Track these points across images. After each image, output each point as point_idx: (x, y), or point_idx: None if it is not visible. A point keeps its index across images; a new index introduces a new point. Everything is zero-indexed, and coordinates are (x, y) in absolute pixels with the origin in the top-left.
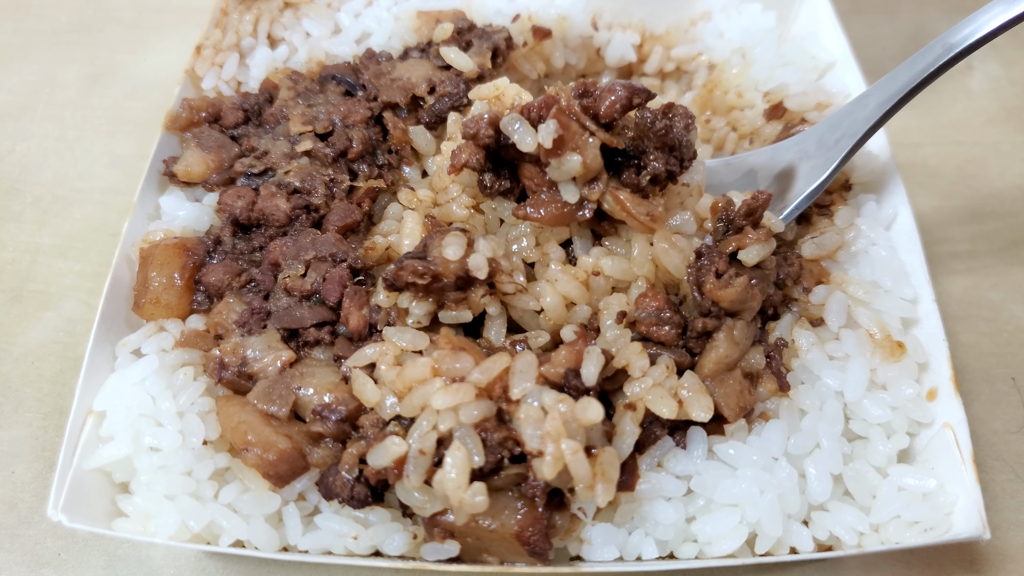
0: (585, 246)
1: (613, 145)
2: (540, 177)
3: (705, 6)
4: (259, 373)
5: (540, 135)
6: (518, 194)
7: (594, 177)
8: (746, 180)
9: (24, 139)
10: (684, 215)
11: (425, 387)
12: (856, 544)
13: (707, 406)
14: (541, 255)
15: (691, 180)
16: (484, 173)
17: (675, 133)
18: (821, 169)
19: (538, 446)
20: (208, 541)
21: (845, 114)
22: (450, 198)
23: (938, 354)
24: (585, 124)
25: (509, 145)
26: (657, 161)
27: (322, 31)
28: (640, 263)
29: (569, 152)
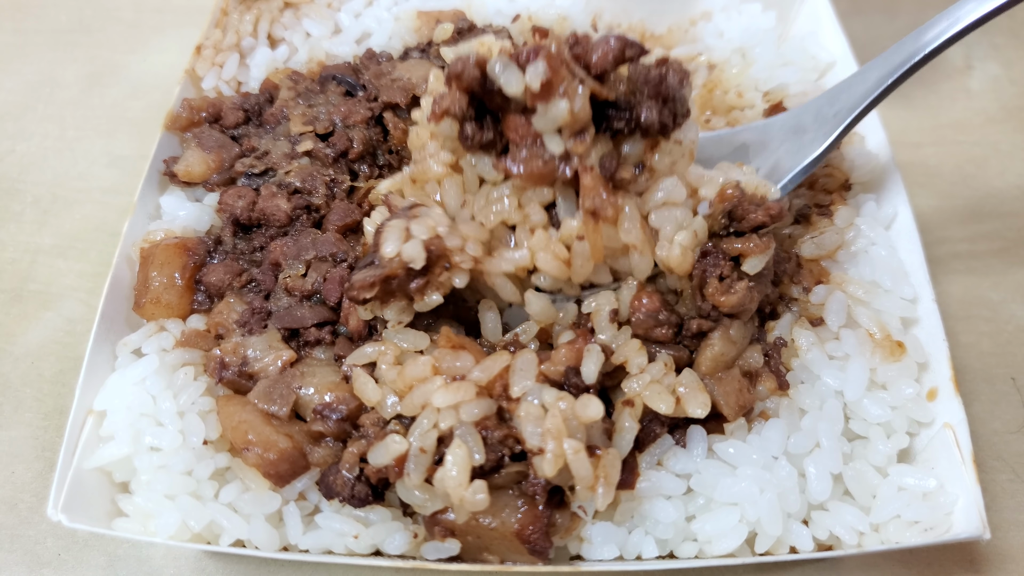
0: (570, 208)
1: (603, 96)
2: (525, 128)
3: (705, 6)
4: (260, 373)
5: (528, 76)
6: (500, 150)
7: (581, 129)
8: (738, 155)
9: (24, 139)
10: (671, 182)
11: (426, 386)
12: (856, 544)
13: (704, 403)
14: (522, 217)
15: (684, 137)
16: (466, 122)
17: (670, 83)
18: (818, 142)
19: (538, 444)
20: (208, 541)
21: (844, 87)
22: (428, 154)
23: (938, 354)
24: (575, 71)
25: (495, 91)
26: (650, 111)
27: (322, 31)
28: (628, 230)
29: (557, 98)
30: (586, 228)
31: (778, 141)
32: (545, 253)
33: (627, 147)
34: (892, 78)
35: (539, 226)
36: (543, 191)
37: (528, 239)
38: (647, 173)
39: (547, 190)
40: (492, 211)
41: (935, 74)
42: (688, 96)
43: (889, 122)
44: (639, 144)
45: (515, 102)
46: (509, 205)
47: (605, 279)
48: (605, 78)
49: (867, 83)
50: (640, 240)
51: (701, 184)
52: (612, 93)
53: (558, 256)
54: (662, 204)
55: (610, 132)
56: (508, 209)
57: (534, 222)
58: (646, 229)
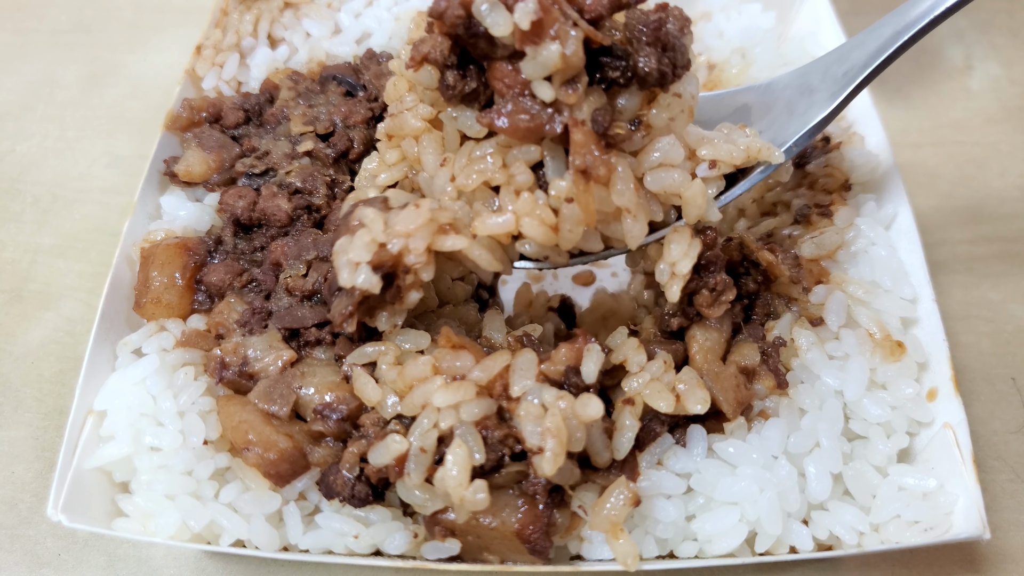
0: (558, 168)
1: (598, 42)
2: (513, 77)
3: (705, 6)
4: (260, 373)
5: (516, 15)
6: (483, 102)
7: (573, 77)
8: (739, 116)
9: (24, 139)
10: (668, 140)
11: (426, 385)
12: (856, 544)
13: (704, 399)
14: (507, 177)
15: (683, 91)
16: (447, 70)
17: (669, 29)
18: (826, 103)
19: (538, 443)
20: (208, 541)
21: (855, 45)
22: (405, 107)
23: (938, 354)
24: (567, 12)
25: (480, 36)
26: (649, 58)
27: (322, 31)
28: (621, 192)
29: (548, 40)
30: (576, 189)
31: (783, 102)
32: (531, 218)
33: (622, 100)
34: (908, 34)
35: (525, 187)
36: (530, 149)
37: (513, 202)
38: (643, 129)
39: (534, 148)
40: (474, 171)
41: (935, 74)
42: (689, 45)
43: (889, 122)
44: (635, 97)
45: (502, 48)
46: (493, 164)
47: (596, 246)
48: (600, 24)
49: (880, 39)
50: (634, 203)
51: (700, 144)
52: (607, 39)
53: (545, 221)
54: (658, 165)
55: (604, 84)
56: (491, 168)
57: (519, 183)
58: (641, 191)
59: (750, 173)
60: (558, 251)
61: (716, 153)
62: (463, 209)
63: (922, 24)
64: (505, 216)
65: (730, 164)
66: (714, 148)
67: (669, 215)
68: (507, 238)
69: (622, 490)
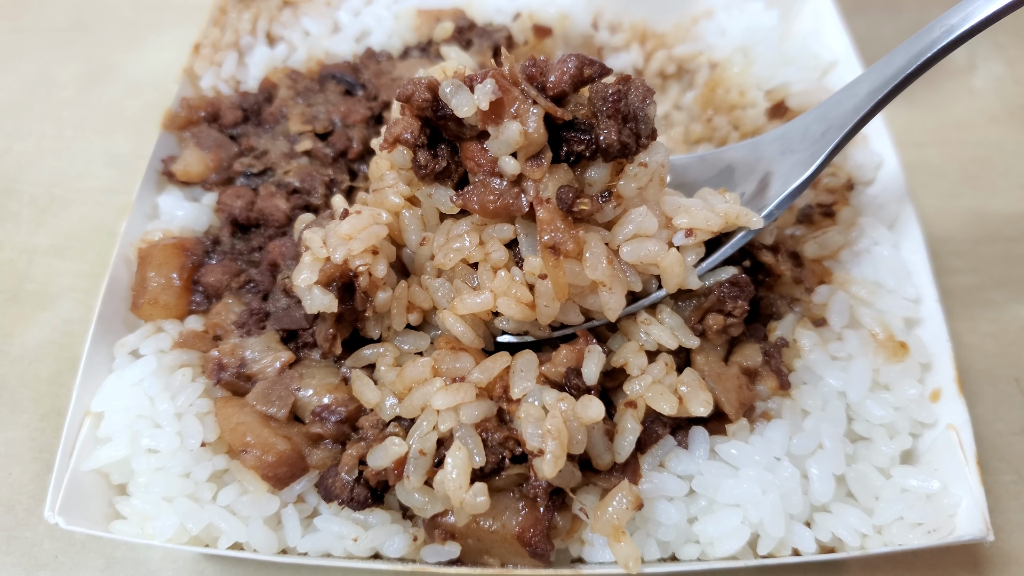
0: (531, 245)
1: (559, 117)
2: (482, 155)
3: (707, 4)
4: (258, 374)
5: (476, 96)
6: (457, 180)
7: (537, 153)
8: (723, 177)
9: (21, 138)
10: (640, 212)
11: (425, 387)
12: (859, 546)
13: (706, 401)
14: (484, 255)
15: (650, 160)
16: (419, 150)
17: (630, 101)
18: (805, 165)
19: (539, 445)
20: (206, 543)
21: (833, 104)
22: (385, 185)
23: (942, 355)
24: (527, 91)
25: (448, 118)
26: (610, 131)
27: (321, 30)
28: (593, 266)
29: (509, 119)
30: (546, 265)
31: (766, 162)
32: (507, 297)
33: (592, 173)
34: (882, 93)
35: (501, 265)
36: (504, 227)
37: (490, 280)
38: (614, 200)
39: (508, 226)
40: (452, 249)
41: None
42: (652, 115)
43: (892, 122)
44: (604, 169)
45: (470, 128)
46: (469, 242)
47: (575, 319)
48: (565, 100)
49: (856, 98)
50: (608, 276)
51: (676, 213)
52: (568, 114)
53: (521, 299)
54: (633, 236)
55: (571, 158)
56: (468, 247)
57: (495, 260)
58: (615, 263)
59: (730, 237)
60: (537, 325)
61: (693, 221)
62: (444, 287)
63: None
64: (483, 296)
65: (708, 231)
66: (691, 216)
67: (650, 284)
68: (487, 315)
69: (624, 494)
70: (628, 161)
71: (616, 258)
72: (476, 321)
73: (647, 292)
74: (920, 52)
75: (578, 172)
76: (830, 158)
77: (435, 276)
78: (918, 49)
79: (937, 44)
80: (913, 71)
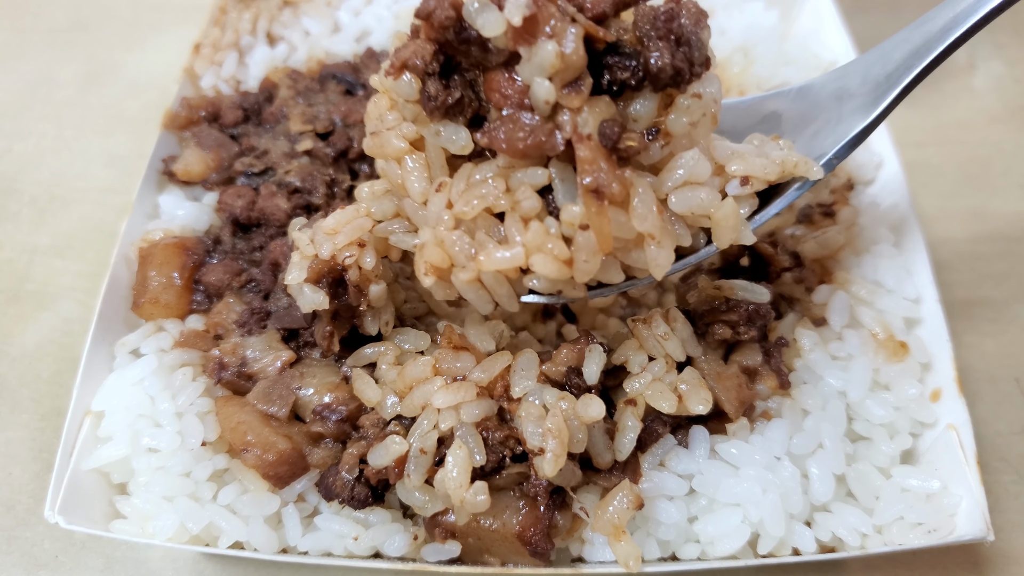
0: (569, 191)
1: (602, 40)
2: (508, 84)
3: (707, 4)
4: (259, 373)
5: (507, 10)
6: (471, 116)
7: (576, 79)
8: (768, 125)
9: (21, 138)
10: (692, 155)
11: (426, 386)
12: (859, 545)
13: (706, 399)
14: (512, 203)
15: (704, 91)
16: (429, 79)
17: (683, 23)
18: (866, 110)
19: (539, 444)
20: (207, 543)
21: (898, 42)
22: (387, 127)
23: (942, 354)
24: (564, 7)
25: (472, 42)
26: (662, 53)
27: (322, 29)
28: (643, 215)
29: (543, 39)
30: (589, 212)
31: (818, 109)
32: (542, 253)
33: (636, 106)
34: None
35: (533, 214)
36: (536, 171)
37: (521, 232)
38: (661, 139)
39: (541, 170)
40: (475, 196)
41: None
42: (707, 40)
43: (892, 121)
44: (650, 101)
45: (496, 53)
46: (495, 188)
47: (616, 277)
48: (606, 23)
49: (926, 35)
50: (658, 228)
51: (730, 159)
52: (611, 35)
53: (558, 256)
54: (683, 183)
55: (614, 90)
56: (494, 193)
57: (526, 210)
58: (664, 213)
59: (783, 189)
60: (573, 284)
61: (748, 168)
62: (463, 240)
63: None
64: (514, 250)
65: (764, 180)
66: (746, 163)
67: (697, 239)
68: (515, 272)
69: (625, 493)
70: (679, 92)
71: (665, 207)
72: (499, 278)
73: (694, 248)
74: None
75: (620, 106)
76: (895, 103)
77: (452, 228)
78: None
79: None
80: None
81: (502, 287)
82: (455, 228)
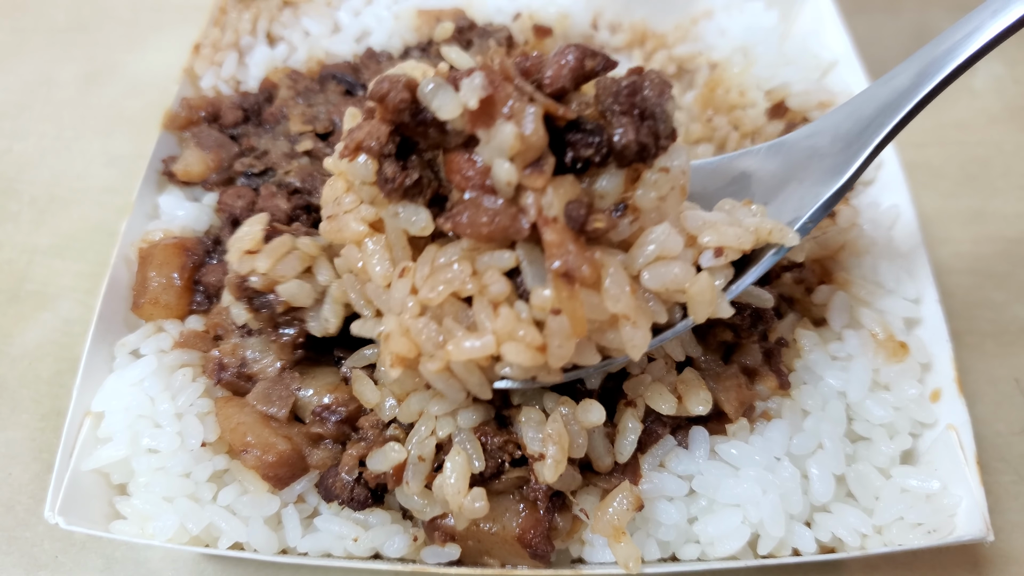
0: (538, 274)
1: (562, 118)
2: (471, 167)
3: (707, 4)
4: (258, 374)
5: (463, 93)
6: (430, 197)
7: (538, 158)
8: (737, 187)
9: (21, 138)
10: (663, 229)
11: (422, 392)
12: (859, 546)
13: (705, 399)
14: (479, 287)
15: (671, 164)
16: (385, 160)
17: (645, 96)
18: (839, 171)
19: (539, 449)
20: (207, 543)
21: (868, 99)
22: (344, 210)
23: (941, 355)
24: (522, 87)
25: (429, 123)
26: (626, 129)
27: (322, 30)
28: (615, 296)
29: (502, 120)
30: (560, 297)
31: (789, 169)
32: (515, 343)
33: (602, 183)
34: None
35: (501, 299)
36: (502, 254)
37: (491, 318)
38: (630, 214)
39: (507, 253)
40: (440, 281)
41: None
42: (671, 112)
43: None
44: (616, 178)
45: (454, 134)
46: (461, 272)
47: (591, 359)
48: (566, 98)
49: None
50: (632, 308)
51: (701, 230)
52: (572, 113)
53: (531, 344)
54: (655, 259)
55: (577, 168)
56: (460, 278)
57: (494, 294)
58: (638, 291)
59: (759, 255)
60: (547, 369)
61: (722, 239)
62: (429, 328)
63: (948, 70)
64: (484, 339)
65: (738, 250)
66: (718, 233)
67: (673, 313)
68: (487, 360)
69: (625, 495)
70: (646, 167)
71: (638, 285)
72: (470, 367)
73: (670, 324)
74: (971, 31)
75: (585, 184)
76: (867, 164)
77: (417, 315)
78: (969, 29)
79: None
80: (969, 58)
81: (473, 375)
82: (421, 315)
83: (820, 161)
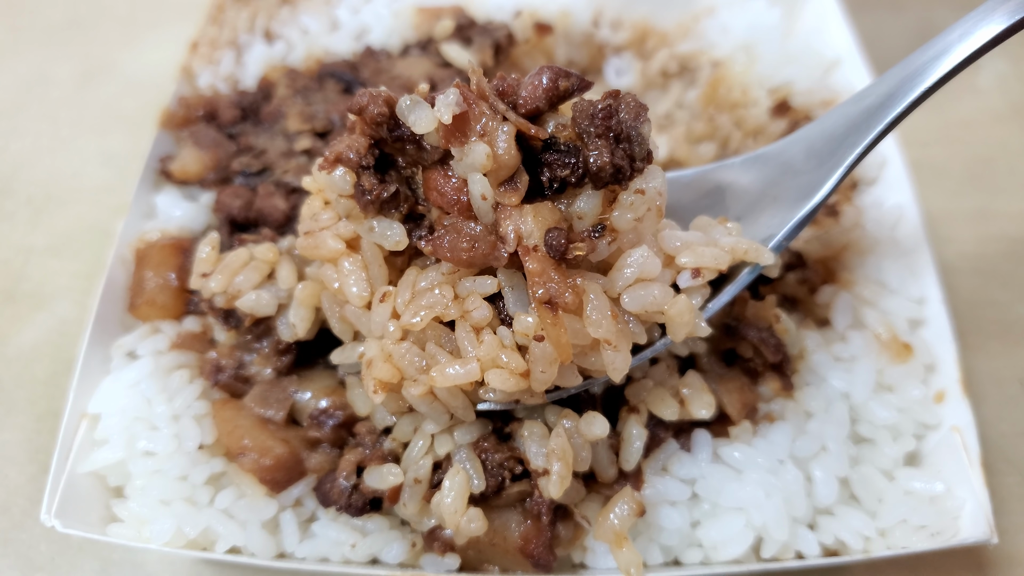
0: (520, 300)
1: (532, 135)
2: (447, 183)
3: (709, 2)
4: (255, 376)
5: (437, 109)
6: (406, 212)
7: (511, 176)
8: (712, 201)
9: (17, 137)
10: (640, 252)
11: (414, 413)
12: (862, 549)
13: (709, 403)
14: (462, 312)
15: (647, 186)
16: (363, 172)
17: (621, 119)
18: (811, 189)
19: (543, 464)
20: (203, 547)
21: (840, 116)
22: (321, 226)
23: (946, 355)
24: (495, 106)
25: (407, 139)
26: (601, 152)
27: (320, 27)
28: (597, 322)
29: (475, 138)
30: (544, 323)
31: (762, 183)
32: (499, 369)
33: (581, 203)
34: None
35: (484, 324)
36: (484, 280)
37: (474, 344)
38: (608, 235)
39: (489, 279)
40: (421, 306)
41: None
42: (647, 134)
43: None
44: (594, 198)
45: (431, 152)
46: (442, 297)
47: (573, 381)
48: (540, 119)
49: (868, 111)
50: (613, 333)
51: (679, 251)
52: (545, 133)
53: (514, 371)
54: (634, 282)
55: (554, 187)
56: (442, 303)
57: (476, 320)
58: (619, 315)
59: (735, 273)
60: (530, 393)
61: (699, 260)
62: (412, 352)
63: (916, 94)
64: (468, 366)
65: (715, 270)
66: (696, 254)
67: (652, 333)
68: (470, 385)
69: (627, 500)
70: (622, 188)
71: (619, 309)
72: (454, 391)
73: (650, 343)
74: (939, 53)
75: (562, 205)
76: (841, 180)
77: (399, 340)
78: (937, 51)
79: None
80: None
81: (456, 399)
82: (403, 339)
83: (794, 178)
